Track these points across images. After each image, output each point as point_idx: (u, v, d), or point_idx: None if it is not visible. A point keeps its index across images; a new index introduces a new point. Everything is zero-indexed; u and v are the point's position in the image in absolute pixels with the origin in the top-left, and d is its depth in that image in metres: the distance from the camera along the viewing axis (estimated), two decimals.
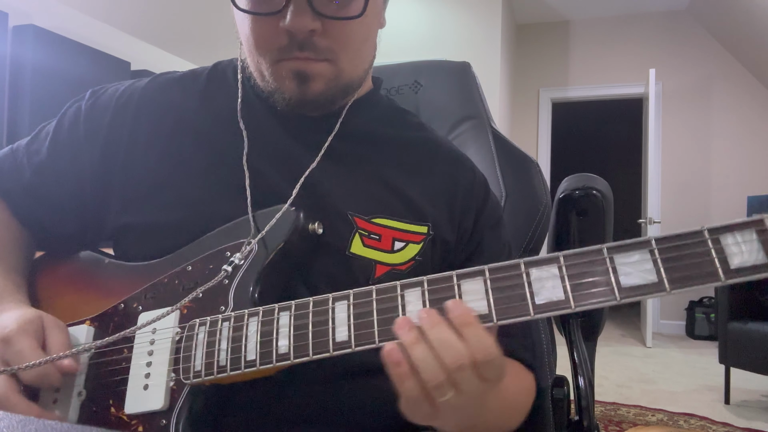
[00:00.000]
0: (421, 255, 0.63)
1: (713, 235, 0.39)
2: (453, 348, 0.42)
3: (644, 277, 0.40)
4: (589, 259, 0.42)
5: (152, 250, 0.62)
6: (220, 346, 0.51)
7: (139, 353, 0.56)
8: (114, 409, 0.55)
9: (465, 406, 0.44)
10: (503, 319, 0.43)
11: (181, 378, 0.52)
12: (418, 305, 0.45)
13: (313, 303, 0.49)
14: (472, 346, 0.42)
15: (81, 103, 0.71)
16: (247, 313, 0.51)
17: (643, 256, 0.40)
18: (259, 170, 0.63)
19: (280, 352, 0.48)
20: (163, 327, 0.55)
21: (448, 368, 0.41)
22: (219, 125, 0.67)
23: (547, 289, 0.42)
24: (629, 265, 0.41)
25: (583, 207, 0.79)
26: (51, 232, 0.70)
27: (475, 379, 0.42)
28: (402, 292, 0.46)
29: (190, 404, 0.52)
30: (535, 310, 0.42)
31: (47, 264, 0.70)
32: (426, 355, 0.42)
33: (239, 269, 0.56)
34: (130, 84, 0.72)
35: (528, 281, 0.43)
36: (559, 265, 0.42)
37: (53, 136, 0.70)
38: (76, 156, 0.68)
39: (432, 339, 0.42)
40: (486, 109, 0.98)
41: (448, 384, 0.42)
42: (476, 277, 0.45)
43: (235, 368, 0.50)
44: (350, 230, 0.61)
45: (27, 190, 0.69)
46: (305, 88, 0.60)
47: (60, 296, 0.65)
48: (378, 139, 0.69)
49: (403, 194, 0.65)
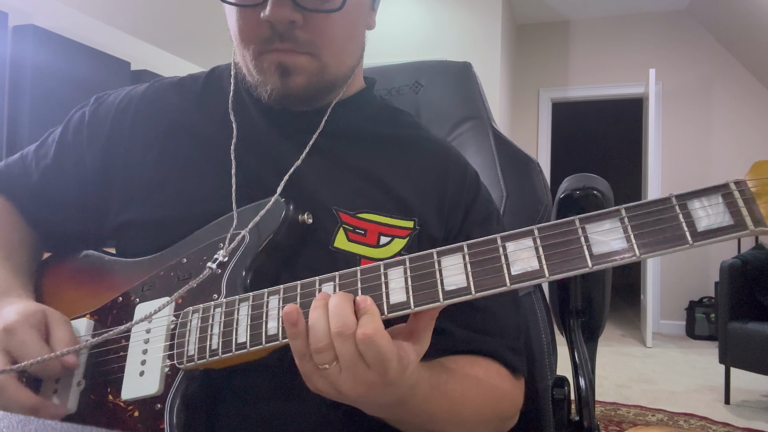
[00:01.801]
0: (407, 250, 0.64)
1: (680, 201, 0.41)
2: (341, 317, 0.45)
3: (615, 244, 0.41)
4: (562, 230, 0.43)
5: (150, 246, 0.64)
6: (212, 331, 0.53)
7: (135, 342, 0.57)
8: (111, 396, 0.57)
9: (351, 383, 0.46)
10: (481, 291, 0.44)
11: (176, 363, 0.54)
12: (400, 282, 0.47)
13: (301, 285, 0.51)
14: (360, 322, 0.45)
15: (85, 109, 0.74)
16: (238, 298, 0.53)
17: (614, 224, 0.42)
18: (247, 164, 0.65)
19: (269, 333, 0.50)
20: (159, 316, 0.57)
21: (332, 334, 0.45)
22: (213, 124, 0.69)
23: (523, 260, 0.43)
24: (601, 233, 0.42)
25: (583, 207, 0.79)
26: (56, 231, 0.73)
27: (355, 355, 0.45)
28: (385, 271, 0.48)
29: (184, 389, 0.54)
30: (511, 280, 0.44)
31: (52, 264, 0.73)
32: (318, 319, 0.46)
33: (232, 258, 0.58)
34: (131, 89, 0.75)
35: (504, 254, 0.44)
36: (533, 236, 0.44)
37: (59, 140, 0.74)
38: (80, 159, 0.71)
39: (330, 307, 0.46)
40: (487, 109, 0.98)
41: (327, 349, 0.45)
42: (455, 253, 0.46)
43: (226, 351, 0.51)
44: (334, 225, 0.62)
45: (34, 192, 0.73)
46: (287, 81, 0.62)
47: (62, 293, 0.68)
48: (366, 137, 0.70)
49: (389, 190, 0.66)
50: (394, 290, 0.47)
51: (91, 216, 0.70)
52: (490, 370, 0.62)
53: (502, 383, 0.63)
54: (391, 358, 0.45)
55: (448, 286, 0.45)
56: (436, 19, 4.12)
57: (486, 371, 0.61)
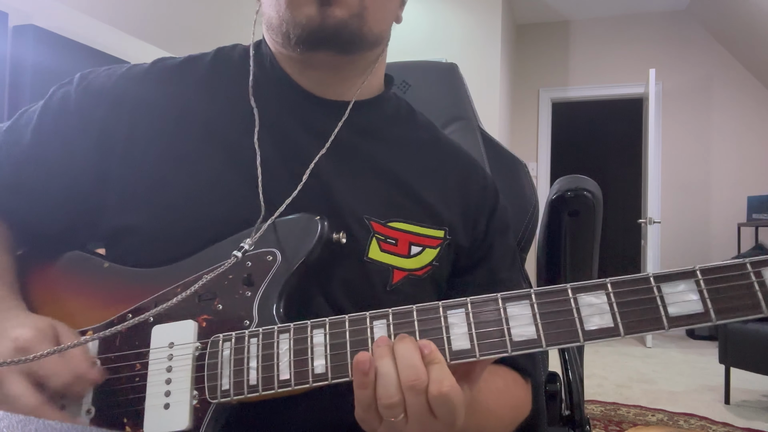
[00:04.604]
0: (438, 260, 0.62)
1: (756, 268, 0.41)
2: (414, 369, 0.43)
3: (690, 307, 0.41)
4: (636, 287, 0.43)
5: (157, 256, 0.57)
6: (249, 365, 0.49)
7: (156, 370, 0.52)
8: (129, 428, 0.52)
9: None
10: (552, 345, 0.44)
11: (207, 397, 0.50)
12: (463, 328, 0.45)
13: (350, 321, 0.47)
14: (431, 375, 0.43)
15: (69, 88, 0.64)
16: (277, 329, 0.49)
17: (689, 286, 0.42)
18: (267, 155, 0.60)
19: (317, 372, 0.47)
20: (181, 342, 0.52)
21: (403, 387, 0.42)
22: (226, 111, 0.63)
23: (596, 316, 0.43)
24: (675, 294, 0.42)
25: (574, 207, 0.80)
26: (37, 230, 0.63)
27: (425, 409, 0.43)
28: (445, 314, 0.45)
29: (215, 423, 0.50)
30: (585, 336, 0.43)
31: (35, 265, 0.63)
32: (389, 370, 0.43)
33: (263, 281, 0.53)
34: (126, 71, 0.65)
35: (576, 307, 0.43)
36: (607, 292, 0.43)
37: (37, 124, 0.63)
38: (67, 147, 0.61)
39: (398, 356, 0.43)
40: (474, 110, 0.99)
41: (399, 405, 0.43)
42: (522, 300, 0.44)
43: (267, 388, 0.48)
44: (367, 235, 0.59)
45: (7, 184, 0.62)
46: (326, 10, 0.56)
47: (55, 302, 0.60)
48: (389, 138, 0.67)
49: (418, 197, 0.63)
50: (456, 335, 0.45)
51: (82, 214, 0.61)
52: (507, 379, 0.62)
53: (519, 391, 0.63)
54: (462, 411, 0.44)
55: (516, 336, 0.44)
56: (436, 19, 4.12)
57: (505, 381, 0.61)
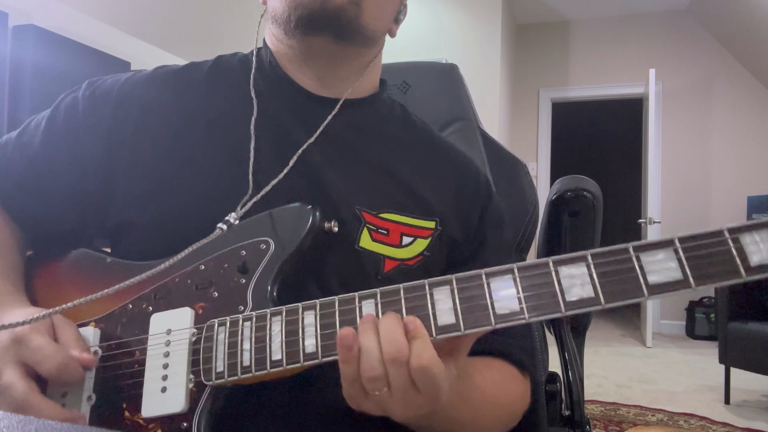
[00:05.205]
0: (429, 250, 0.63)
1: (733, 234, 0.41)
2: (395, 342, 0.44)
3: (669, 274, 0.41)
4: (616, 258, 0.43)
5: (157, 250, 0.59)
6: (242, 347, 0.50)
7: (153, 355, 0.54)
8: (128, 412, 0.53)
9: (401, 407, 0.45)
10: (535, 317, 0.44)
11: (202, 379, 0.51)
12: (448, 303, 0.45)
13: (339, 302, 0.49)
14: (413, 349, 0.44)
15: (77, 93, 0.68)
16: (269, 312, 0.51)
17: (668, 254, 0.42)
18: (261, 142, 0.63)
19: (307, 351, 0.48)
20: (178, 328, 0.54)
21: (385, 360, 0.43)
22: (227, 104, 0.66)
23: (577, 287, 0.43)
24: (655, 263, 0.42)
25: (574, 208, 0.80)
26: (47, 228, 0.66)
27: (407, 383, 0.44)
28: (431, 290, 0.46)
29: (211, 405, 0.51)
30: (566, 306, 0.43)
31: (42, 263, 0.67)
32: (372, 344, 0.44)
33: (257, 268, 0.55)
34: (131, 75, 0.69)
35: (558, 279, 0.44)
36: (587, 263, 0.43)
37: (47, 127, 0.66)
38: (76, 147, 0.64)
39: (382, 331, 0.44)
40: (474, 110, 0.99)
41: (381, 378, 0.44)
42: (505, 275, 0.45)
43: (260, 368, 0.49)
44: (359, 225, 0.61)
45: (19, 184, 0.65)
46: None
47: (59, 297, 0.62)
48: (383, 135, 0.70)
49: (410, 189, 0.65)
50: (441, 311, 0.45)
51: (91, 211, 0.64)
52: (504, 372, 0.62)
53: (516, 385, 0.63)
54: (444, 385, 0.44)
55: (500, 309, 0.44)
56: (436, 19, 4.12)
57: (501, 374, 0.62)
